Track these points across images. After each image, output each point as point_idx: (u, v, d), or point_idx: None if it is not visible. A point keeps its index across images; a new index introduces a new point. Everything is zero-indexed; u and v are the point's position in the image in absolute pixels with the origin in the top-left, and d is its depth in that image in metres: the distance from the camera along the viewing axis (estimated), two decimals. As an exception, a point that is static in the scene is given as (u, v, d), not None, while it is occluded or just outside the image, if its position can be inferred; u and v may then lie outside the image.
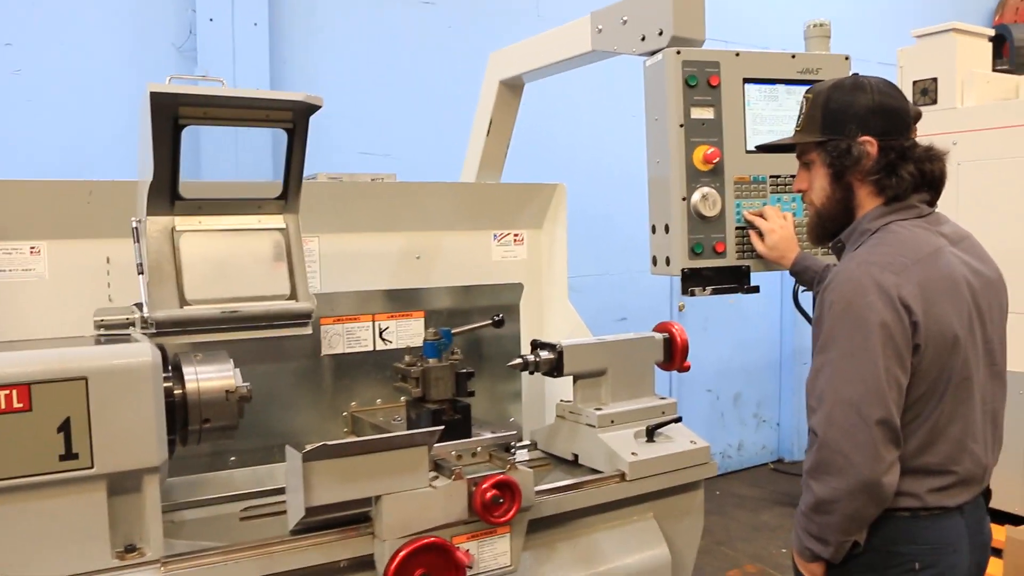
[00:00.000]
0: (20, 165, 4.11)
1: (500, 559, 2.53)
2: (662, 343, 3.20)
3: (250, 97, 2.60)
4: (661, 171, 2.76)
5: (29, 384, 2.04)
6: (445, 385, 2.92)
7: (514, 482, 2.45)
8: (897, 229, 2.24)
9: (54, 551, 2.11)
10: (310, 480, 2.24)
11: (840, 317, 2.14)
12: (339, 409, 3.27)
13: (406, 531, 2.34)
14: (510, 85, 3.63)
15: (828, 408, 2.12)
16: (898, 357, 2.09)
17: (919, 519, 2.19)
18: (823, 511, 2.16)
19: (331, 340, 3.23)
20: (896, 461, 2.11)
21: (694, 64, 2.70)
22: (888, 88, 2.32)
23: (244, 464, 3.06)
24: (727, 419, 7.17)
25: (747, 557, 5.37)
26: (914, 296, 2.11)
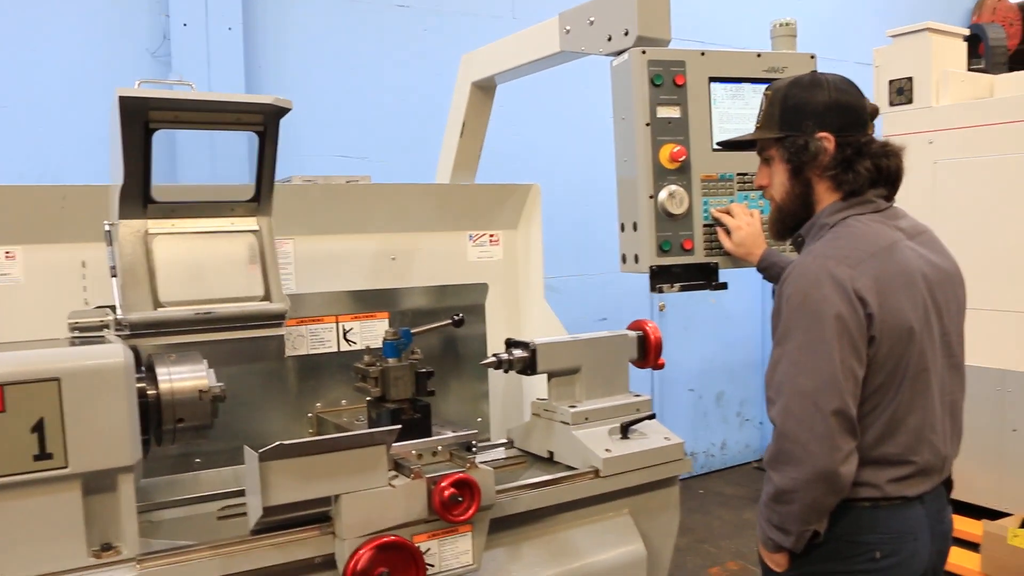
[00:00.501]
0: (-1, 173, 4.13)
1: (462, 558, 2.53)
2: (636, 341, 3.22)
3: (219, 101, 2.63)
4: (628, 170, 2.78)
5: (2, 385, 2.05)
6: (405, 385, 2.92)
7: (473, 481, 2.45)
8: (854, 223, 2.28)
9: (30, 550, 2.12)
10: (267, 480, 2.24)
11: (796, 310, 2.18)
12: (304, 410, 3.27)
13: (366, 530, 2.34)
14: (482, 87, 3.66)
15: (785, 399, 2.16)
16: (853, 348, 2.12)
17: (879, 509, 2.23)
18: (783, 501, 2.20)
19: (295, 341, 3.23)
20: (853, 451, 2.15)
21: (660, 63, 2.73)
22: (845, 85, 2.37)
23: (209, 466, 3.06)
24: (710, 418, 7.20)
25: (729, 555, 5.41)
26: (869, 289, 2.14)
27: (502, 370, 3.03)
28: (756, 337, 7.36)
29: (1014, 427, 5.13)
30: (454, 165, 3.78)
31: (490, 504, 2.54)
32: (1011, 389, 5.12)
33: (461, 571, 2.54)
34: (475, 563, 2.55)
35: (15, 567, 2.10)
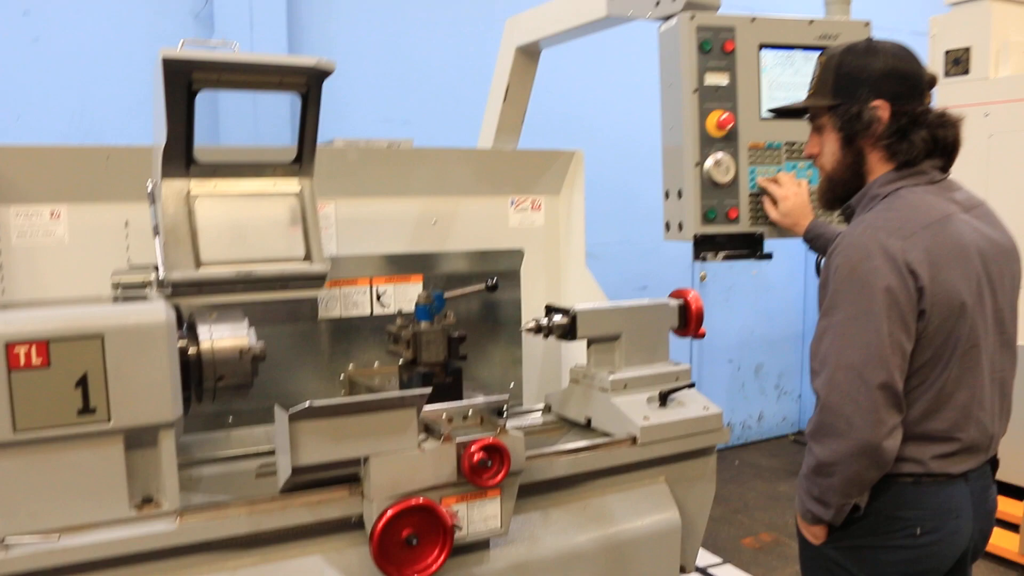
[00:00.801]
0: (39, 131, 4.17)
1: (490, 522, 2.53)
2: (677, 309, 3.20)
3: (262, 62, 2.62)
4: (674, 137, 2.75)
5: (47, 341, 2.08)
6: (436, 348, 2.90)
7: (503, 446, 2.45)
8: (907, 195, 2.23)
9: (74, 501, 2.16)
10: (297, 440, 2.26)
11: (844, 281, 2.14)
12: (336, 372, 3.29)
13: (394, 492, 2.36)
14: (526, 51, 3.62)
15: (831, 372, 2.13)
16: (902, 322, 2.08)
17: (922, 485, 2.20)
18: (824, 473, 2.18)
19: (328, 304, 3.25)
20: (898, 426, 2.12)
21: (709, 29, 2.69)
22: (902, 52, 2.30)
23: (242, 424, 3.09)
24: (748, 390, 7.16)
25: (763, 526, 5.39)
26: (920, 262, 2.10)
27: (542, 335, 3.02)
28: (797, 308, 7.30)
29: (1061, 406, 5.02)
30: (497, 130, 3.76)
31: (519, 470, 2.54)
32: (1058, 366, 5.01)
33: (489, 535, 2.56)
34: (503, 528, 2.56)
35: (59, 518, 2.14)
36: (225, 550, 2.34)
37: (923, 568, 2.24)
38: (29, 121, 4.16)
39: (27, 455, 2.11)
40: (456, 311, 3.08)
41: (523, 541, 2.70)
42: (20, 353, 2.06)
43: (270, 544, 2.40)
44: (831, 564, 2.34)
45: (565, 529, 2.80)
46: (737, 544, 5.11)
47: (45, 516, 2.13)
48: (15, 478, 2.10)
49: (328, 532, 2.46)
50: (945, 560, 2.25)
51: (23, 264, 2.88)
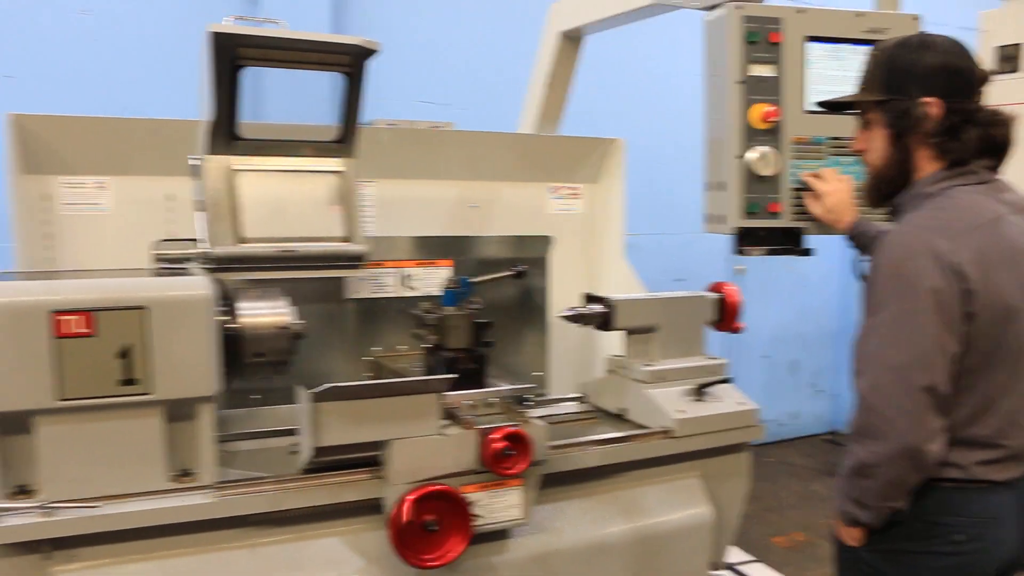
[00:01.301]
0: (87, 102, 4.21)
1: (511, 511, 2.51)
2: (714, 303, 3.19)
3: (308, 40, 2.64)
4: (717, 129, 2.73)
5: (93, 310, 2.12)
6: (462, 334, 2.87)
7: (525, 435, 2.43)
8: (957, 194, 2.18)
9: (114, 471, 2.20)
10: (319, 420, 2.26)
11: (890, 280, 2.11)
12: (362, 354, 3.28)
13: (415, 477, 2.35)
14: (570, 37, 3.62)
15: (874, 373, 2.11)
16: (948, 324, 2.05)
17: (965, 491, 2.16)
18: (864, 475, 2.15)
19: (356, 285, 3.24)
20: (942, 429, 2.08)
21: (755, 20, 2.65)
22: (955, 47, 2.25)
23: (267, 403, 3.08)
24: (783, 386, 7.12)
25: (794, 525, 5.36)
26: (969, 263, 2.06)
27: (579, 324, 3.01)
28: (834, 306, 7.23)
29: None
30: (538, 116, 3.76)
31: (542, 460, 2.53)
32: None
33: (509, 525, 2.54)
34: (524, 517, 2.54)
35: (99, 486, 2.18)
36: (257, 525, 2.36)
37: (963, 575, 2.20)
38: (77, 92, 4.22)
39: (70, 423, 2.15)
40: (484, 297, 3.07)
41: (547, 531, 2.69)
42: (66, 321, 2.10)
43: (295, 523, 2.42)
44: (868, 568, 2.30)
45: (595, 520, 2.79)
46: (768, 543, 5.09)
47: (86, 483, 2.17)
48: (58, 445, 2.15)
49: (349, 514, 2.45)
50: (986, 570, 2.21)
51: (69, 234, 2.94)
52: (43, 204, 2.90)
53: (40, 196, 2.89)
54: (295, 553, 2.40)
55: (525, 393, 2.85)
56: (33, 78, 4.24)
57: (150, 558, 2.25)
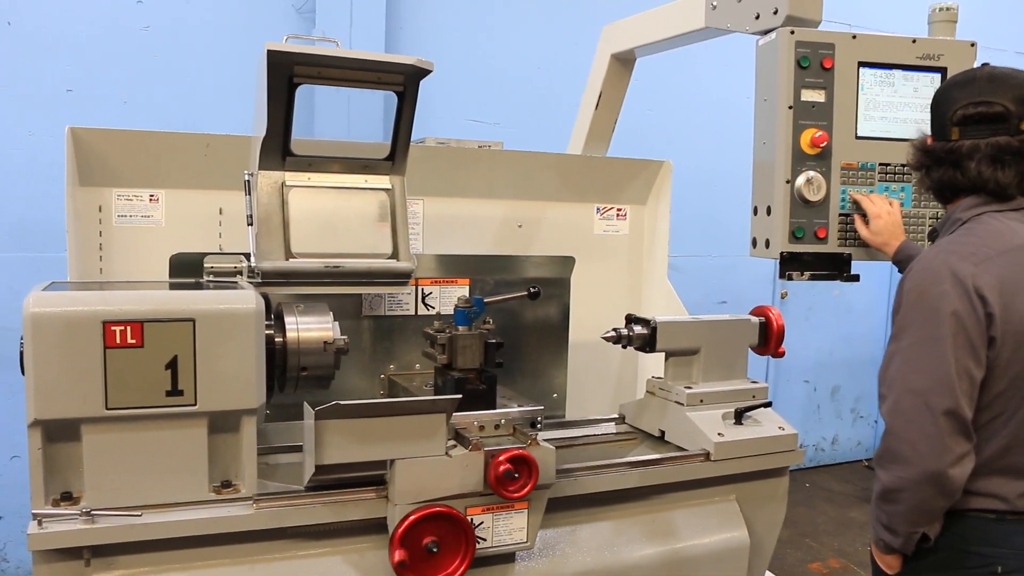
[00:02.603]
0: (144, 117, 4.31)
1: (516, 534, 2.50)
2: (758, 326, 3.16)
3: (363, 59, 2.67)
4: (767, 152, 2.73)
5: (142, 322, 2.15)
6: (472, 354, 2.82)
7: (531, 458, 2.41)
8: (988, 220, 2.19)
9: (157, 480, 2.23)
10: (322, 438, 2.24)
11: (914, 305, 2.12)
12: (377, 371, 3.29)
13: (419, 497, 2.34)
14: (622, 59, 3.62)
15: (896, 397, 2.11)
16: (970, 348, 2.05)
17: (1006, 522, 2.14)
18: (890, 500, 2.15)
19: (372, 302, 3.26)
20: (967, 454, 2.07)
21: (808, 45, 2.66)
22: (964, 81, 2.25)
23: (277, 419, 3.07)
24: (823, 412, 7.04)
25: (832, 552, 5.30)
26: (991, 287, 2.05)
27: (621, 345, 3.01)
28: (879, 332, 7.15)
29: None
30: (587, 136, 3.77)
31: (548, 483, 2.50)
32: None
33: (513, 548, 2.52)
34: (529, 541, 2.52)
35: (142, 495, 2.22)
36: (293, 538, 2.38)
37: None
38: (134, 106, 4.31)
39: (116, 432, 2.18)
40: (502, 317, 3.07)
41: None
42: (116, 332, 2.14)
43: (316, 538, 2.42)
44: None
45: (634, 540, 2.79)
46: (805, 569, 5.04)
47: (128, 492, 2.21)
48: (103, 453, 2.18)
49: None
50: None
51: (120, 245, 2.99)
52: (97, 215, 2.96)
53: (95, 208, 2.95)
54: (323, 568, 2.40)
55: (535, 416, 2.80)
56: (92, 92, 4.33)
57: (188, 568, 2.27)
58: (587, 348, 3.62)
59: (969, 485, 2.10)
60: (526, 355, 3.54)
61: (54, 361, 2.11)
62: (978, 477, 2.11)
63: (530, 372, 3.55)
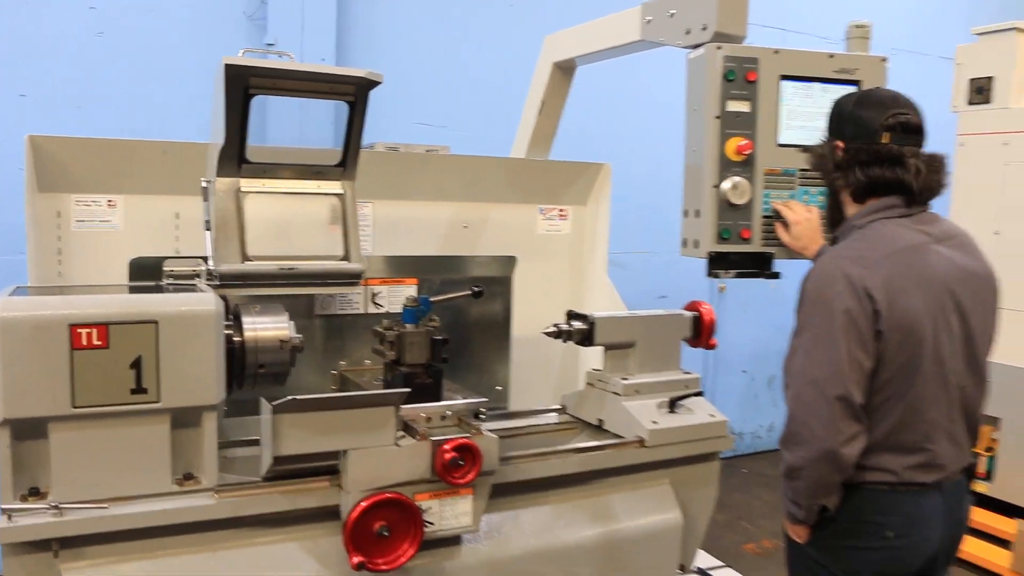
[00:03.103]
0: (98, 122, 4.36)
1: (461, 519, 2.65)
2: (691, 321, 3.35)
3: (316, 71, 2.81)
4: (696, 159, 2.90)
5: (107, 324, 2.27)
6: (419, 350, 2.97)
7: (475, 446, 2.56)
8: (879, 227, 2.43)
9: (122, 474, 2.35)
10: (279, 431, 2.35)
11: (813, 304, 2.37)
12: (329, 367, 3.42)
13: (370, 485, 2.47)
14: (563, 67, 3.78)
15: (797, 386, 2.36)
16: (860, 341, 2.28)
17: (896, 493, 2.38)
18: (794, 477, 2.39)
19: (324, 301, 3.40)
20: (857, 435, 2.31)
21: (734, 59, 2.82)
22: (875, 98, 2.53)
23: (234, 414, 3.14)
24: (760, 400, 7.28)
25: (765, 533, 5.53)
26: (878, 287, 2.30)
27: (561, 340, 3.18)
28: (813, 324, 7.39)
29: (1059, 429, 5.14)
30: (531, 140, 3.92)
31: (492, 470, 2.65)
32: (1058, 392, 5.12)
33: (459, 531, 2.67)
34: (473, 525, 2.67)
35: (108, 488, 2.33)
36: (257, 526, 2.51)
37: (892, 570, 2.43)
38: (89, 112, 4.36)
39: (82, 429, 2.30)
40: (448, 315, 3.24)
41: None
42: (82, 334, 2.25)
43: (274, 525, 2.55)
44: (812, 562, 2.55)
45: (573, 524, 2.96)
46: (739, 549, 5.26)
47: (94, 486, 2.32)
48: (71, 450, 2.30)
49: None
50: (913, 563, 2.43)
51: (78, 249, 3.08)
52: (56, 221, 3.04)
53: (53, 213, 3.04)
54: (278, 553, 2.54)
55: (479, 407, 2.96)
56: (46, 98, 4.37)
57: (152, 556, 2.39)
58: (531, 343, 3.78)
59: (864, 461, 2.34)
60: (471, 351, 3.70)
61: (22, 363, 2.21)
62: (871, 454, 2.34)
63: (475, 367, 3.72)
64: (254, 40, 4.63)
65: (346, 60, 4.83)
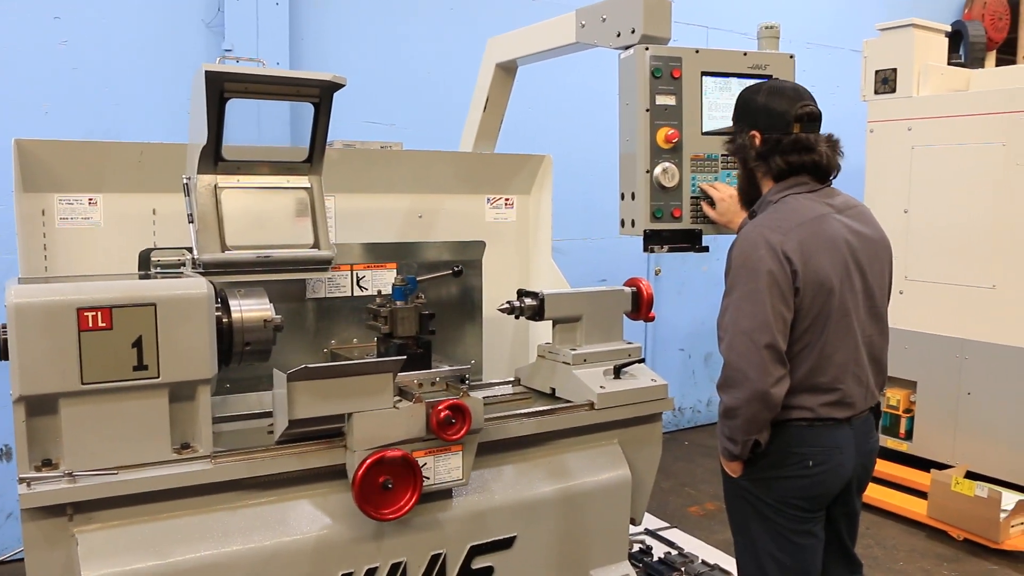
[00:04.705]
0: (64, 125, 4.53)
1: (453, 472, 2.97)
2: (631, 295, 3.69)
3: (286, 76, 3.09)
4: (630, 148, 3.22)
5: (111, 307, 2.51)
6: (410, 323, 3.36)
7: (465, 406, 2.88)
8: (791, 201, 2.79)
9: (126, 444, 2.58)
10: (293, 397, 2.65)
11: (740, 268, 2.71)
12: (320, 347, 3.72)
13: (373, 444, 2.77)
14: (505, 67, 4.07)
15: (730, 337, 2.69)
16: (782, 297, 2.64)
17: (813, 427, 2.74)
18: (730, 416, 2.72)
19: (314, 286, 3.68)
20: (783, 377, 2.65)
21: (660, 59, 3.16)
22: (780, 92, 2.84)
23: (236, 391, 3.50)
24: (698, 377, 7.64)
25: (708, 497, 5.91)
26: (794, 251, 2.65)
27: (514, 315, 3.48)
28: (744, 303, 7.75)
29: (969, 391, 5.62)
30: (477, 136, 4.21)
31: (479, 428, 2.96)
32: (968, 356, 5.58)
33: (452, 484, 2.99)
34: (464, 478, 2.99)
35: (113, 457, 2.57)
36: (252, 489, 2.77)
37: (815, 493, 2.78)
38: (55, 115, 4.52)
39: (90, 404, 2.53)
40: (428, 295, 3.55)
41: (483, 491, 3.15)
42: (88, 317, 2.49)
43: (275, 487, 2.82)
44: (745, 492, 2.90)
45: (535, 480, 3.27)
46: (684, 512, 5.62)
47: (102, 456, 2.55)
48: (80, 422, 2.53)
49: (314, 479, 2.87)
50: (832, 487, 2.80)
51: (63, 245, 3.29)
52: (41, 219, 3.25)
53: (38, 211, 3.25)
54: (278, 513, 2.80)
55: (464, 373, 3.33)
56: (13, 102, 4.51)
57: (157, 519, 2.64)
58: (484, 320, 4.11)
59: (787, 401, 2.69)
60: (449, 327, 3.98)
61: (35, 344, 2.43)
62: (793, 395, 2.70)
63: (450, 340, 4.01)
64: (212, 46, 4.83)
65: (299, 64, 5.04)
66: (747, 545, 2.93)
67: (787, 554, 2.82)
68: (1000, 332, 5.44)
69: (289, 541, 2.77)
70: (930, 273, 5.61)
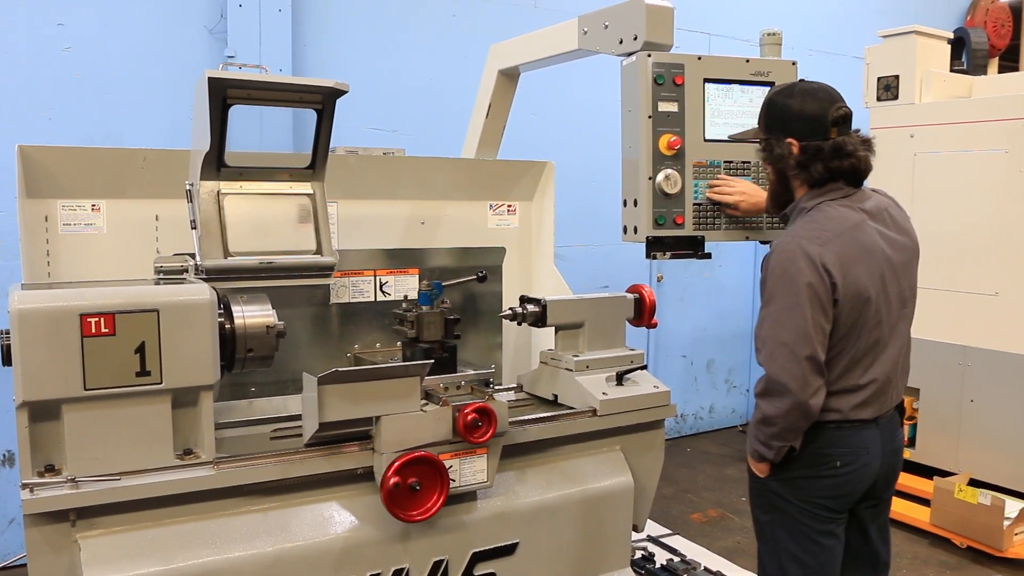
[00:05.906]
0: (68, 131, 4.54)
1: (479, 475, 3.01)
2: (633, 302, 3.69)
3: (288, 83, 3.09)
4: (632, 154, 3.23)
5: (114, 313, 2.52)
6: (435, 328, 3.43)
7: (491, 409, 2.93)
8: (826, 208, 2.77)
9: (129, 449, 2.58)
10: (324, 399, 2.70)
11: (778, 279, 2.70)
12: (343, 351, 3.75)
13: (401, 447, 2.82)
14: (507, 74, 4.09)
15: (770, 348, 2.69)
16: (822, 309, 2.64)
17: (842, 429, 2.77)
18: (769, 424, 2.72)
19: (338, 291, 3.72)
20: (821, 387, 2.67)
21: (662, 65, 3.17)
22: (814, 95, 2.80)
23: (261, 395, 3.55)
24: (700, 383, 7.64)
25: (710, 503, 5.90)
26: (833, 263, 2.65)
27: (516, 322, 3.49)
28: (746, 309, 7.76)
29: (972, 398, 5.61)
30: (479, 142, 4.23)
31: (504, 431, 3.01)
32: (971, 364, 5.59)
33: (477, 487, 3.03)
34: (489, 481, 3.03)
35: (116, 463, 2.57)
36: (255, 495, 2.78)
37: (842, 492, 2.81)
38: (58, 122, 4.53)
39: (93, 409, 2.53)
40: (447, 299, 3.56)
41: (504, 495, 3.19)
42: (92, 323, 2.49)
43: (293, 491, 2.84)
44: (772, 493, 2.90)
45: (537, 487, 3.28)
46: (687, 519, 5.61)
47: (104, 461, 2.55)
48: (83, 428, 2.53)
49: (343, 482, 2.90)
50: (859, 487, 2.83)
51: (66, 250, 3.31)
52: (44, 225, 3.27)
53: (41, 218, 3.26)
54: (279, 520, 2.81)
55: (488, 377, 3.38)
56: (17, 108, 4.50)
57: (159, 525, 2.64)
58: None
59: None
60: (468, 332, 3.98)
61: (38, 350, 2.43)
62: (825, 398, 2.70)
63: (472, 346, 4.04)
64: (215, 52, 4.84)
65: (302, 70, 5.05)
66: (770, 547, 2.96)
67: (809, 555, 2.85)
68: (1003, 339, 5.43)
69: (290, 547, 2.78)
70: (933, 280, 5.59)
